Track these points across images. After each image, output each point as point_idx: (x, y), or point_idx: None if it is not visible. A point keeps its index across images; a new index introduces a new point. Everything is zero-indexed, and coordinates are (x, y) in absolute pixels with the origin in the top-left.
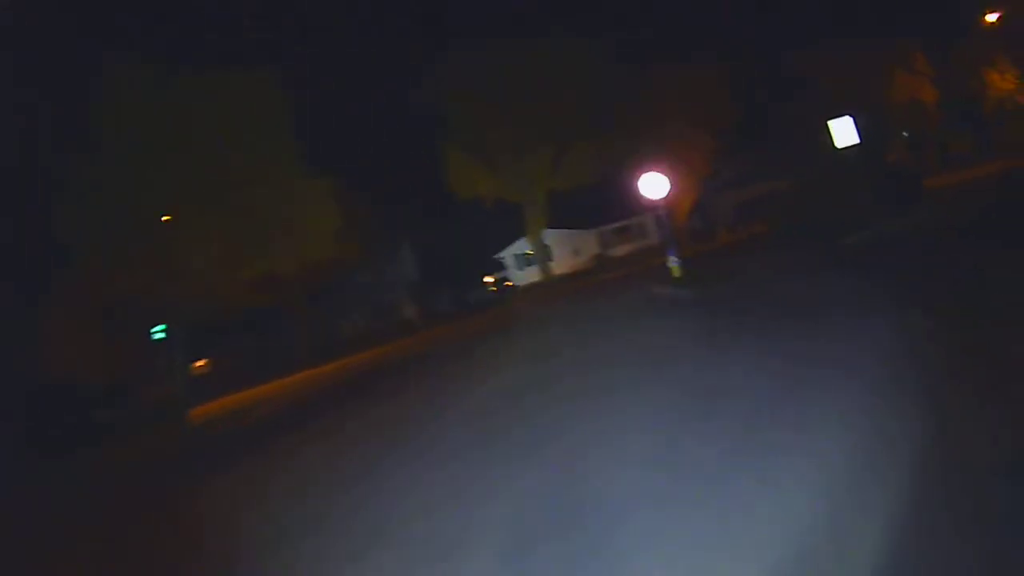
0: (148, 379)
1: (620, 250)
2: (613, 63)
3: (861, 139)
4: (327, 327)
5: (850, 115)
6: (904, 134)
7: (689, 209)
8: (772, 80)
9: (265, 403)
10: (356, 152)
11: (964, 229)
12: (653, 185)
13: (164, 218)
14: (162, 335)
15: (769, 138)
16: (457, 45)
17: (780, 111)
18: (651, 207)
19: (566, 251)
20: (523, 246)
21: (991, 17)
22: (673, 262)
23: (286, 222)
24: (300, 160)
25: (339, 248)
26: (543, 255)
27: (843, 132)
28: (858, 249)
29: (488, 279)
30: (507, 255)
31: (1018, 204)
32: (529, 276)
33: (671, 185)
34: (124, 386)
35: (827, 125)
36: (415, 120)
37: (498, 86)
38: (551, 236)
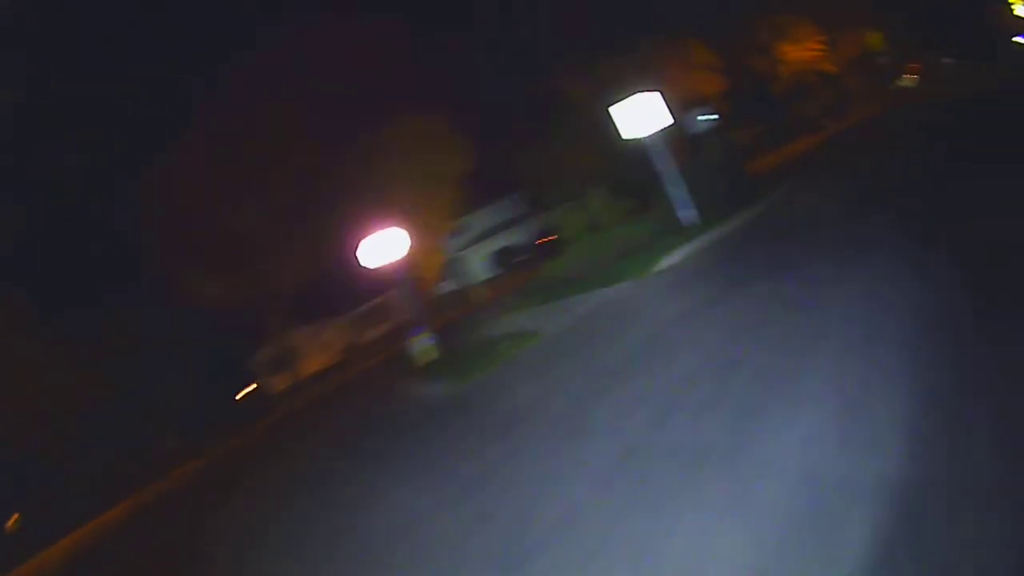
0: None
1: (373, 334)
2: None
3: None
4: (98, 471)
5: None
6: (714, 117)
7: (438, 272)
8: (525, 109)
9: None
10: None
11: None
12: (381, 249)
13: None
14: None
15: (527, 175)
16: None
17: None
18: (398, 279)
19: (316, 345)
20: (271, 349)
21: None
22: (419, 344)
23: None
24: None
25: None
26: (289, 356)
27: (639, 117)
28: (673, 280)
29: (242, 392)
30: (259, 360)
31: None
32: (281, 380)
33: (406, 245)
34: None
35: (608, 115)
36: (125, 232)
37: (206, 177)
38: (299, 332)
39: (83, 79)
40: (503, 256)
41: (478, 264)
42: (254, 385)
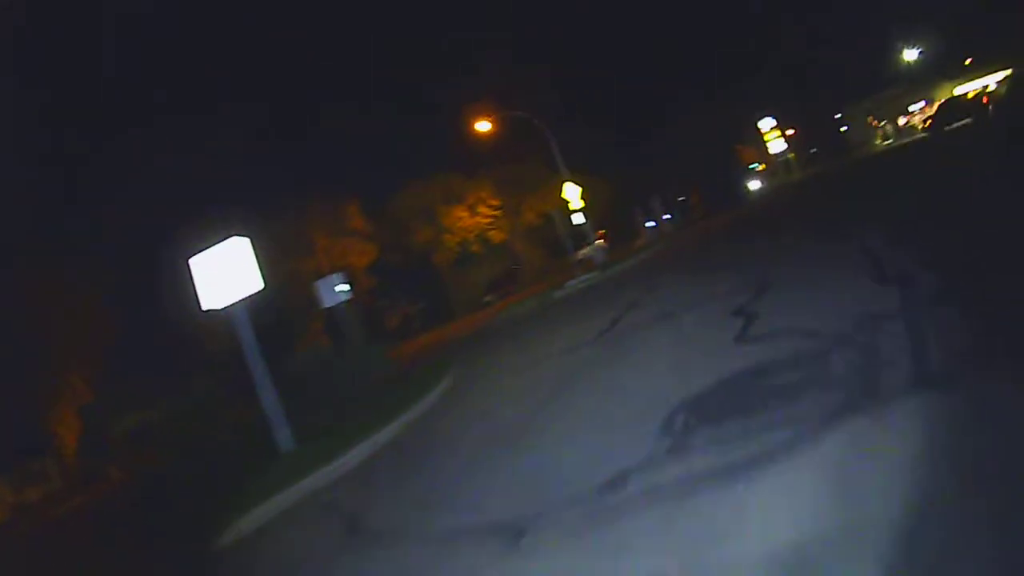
0: None
1: (32, 494)
2: None
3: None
4: None
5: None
6: (346, 289)
7: (75, 448)
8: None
9: None
10: None
11: None
12: None
13: None
14: None
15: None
16: None
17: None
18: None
19: None
20: None
21: (481, 127)
22: None
23: None
24: None
25: None
26: None
27: (225, 276)
28: None
29: None
30: None
31: None
32: None
33: None
34: None
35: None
36: None
37: None
38: None
39: None
40: (145, 431)
41: (120, 438)
42: None
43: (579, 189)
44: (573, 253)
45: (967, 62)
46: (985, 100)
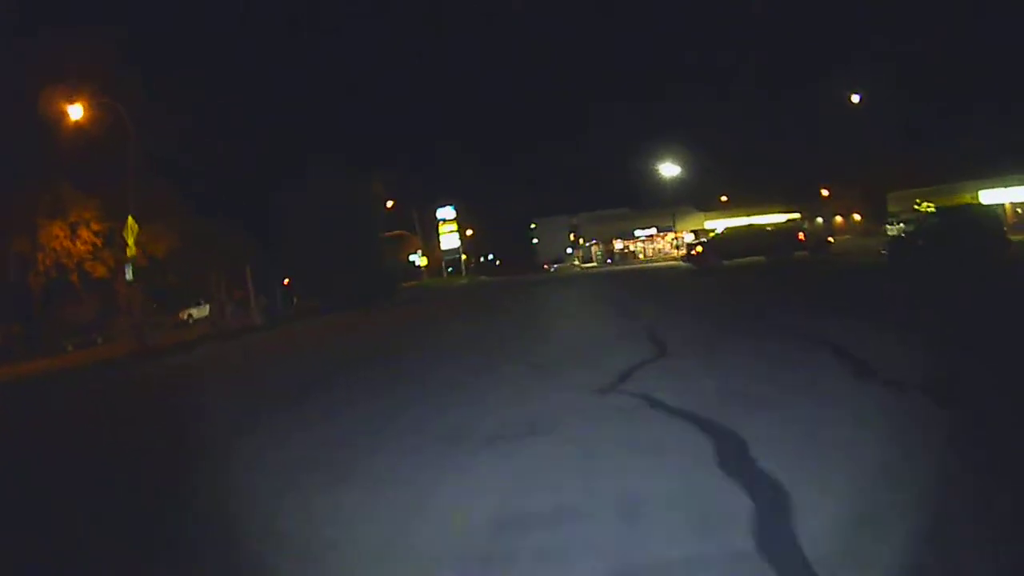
0: None
1: None
2: None
3: None
4: None
5: None
6: None
7: None
8: None
9: None
10: None
11: None
12: None
13: None
14: None
15: None
16: None
17: None
18: None
19: None
20: None
21: (73, 112)
22: None
23: None
24: None
25: None
26: None
27: None
28: None
29: None
30: None
31: None
32: None
33: None
34: None
35: None
36: None
37: None
38: None
39: None
40: None
41: None
42: None
43: (135, 230)
44: (179, 312)
45: (722, 198)
46: (802, 237)
